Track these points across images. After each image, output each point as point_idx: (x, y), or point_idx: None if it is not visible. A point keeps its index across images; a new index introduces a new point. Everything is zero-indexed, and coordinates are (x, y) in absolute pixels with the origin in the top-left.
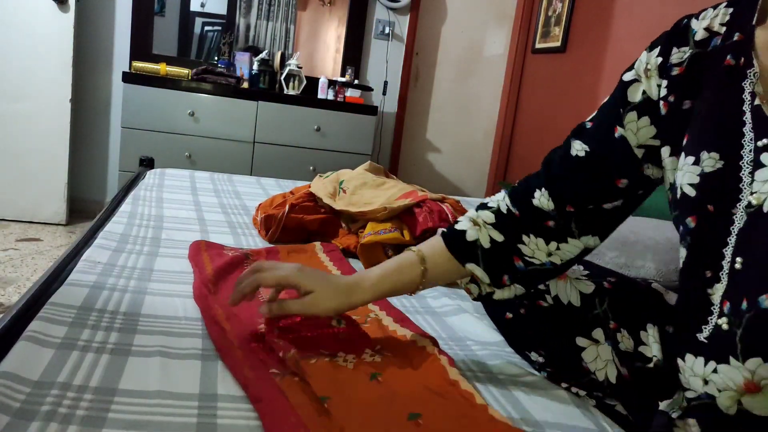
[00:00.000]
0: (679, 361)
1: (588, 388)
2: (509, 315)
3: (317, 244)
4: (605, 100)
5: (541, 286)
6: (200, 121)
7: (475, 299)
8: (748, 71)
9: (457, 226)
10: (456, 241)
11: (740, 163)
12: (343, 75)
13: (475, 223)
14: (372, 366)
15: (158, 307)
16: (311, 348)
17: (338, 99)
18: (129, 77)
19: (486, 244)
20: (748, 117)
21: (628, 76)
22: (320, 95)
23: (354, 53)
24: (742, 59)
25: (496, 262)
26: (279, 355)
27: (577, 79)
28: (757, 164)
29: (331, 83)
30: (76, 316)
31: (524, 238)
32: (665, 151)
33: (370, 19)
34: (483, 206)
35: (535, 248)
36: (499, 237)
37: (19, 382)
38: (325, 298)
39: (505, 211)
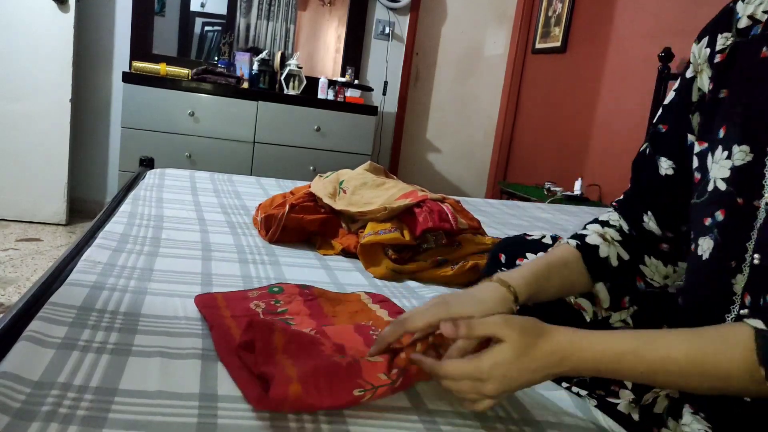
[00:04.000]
0: None
1: (590, 387)
2: (516, 308)
3: (362, 294)
4: (669, 98)
5: None
6: (200, 121)
7: (588, 323)
8: None
9: (589, 240)
10: (591, 256)
11: (765, 159)
12: (343, 75)
13: (604, 238)
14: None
15: (158, 307)
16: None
17: (338, 99)
18: (129, 77)
19: (614, 261)
20: None
21: (689, 72)
22: (320, 95)
23: (354, 53)
24: None
25: (621, 281)
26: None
27: (577, 79)
28: None
29: (331, 83)
30: (77, 316)
31: (646, 259)
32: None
33: (370, 19)
34: (605, 223)
35: (654, 270)
36: (625, 255)
37: (19, 382)
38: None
39: (627, 231)
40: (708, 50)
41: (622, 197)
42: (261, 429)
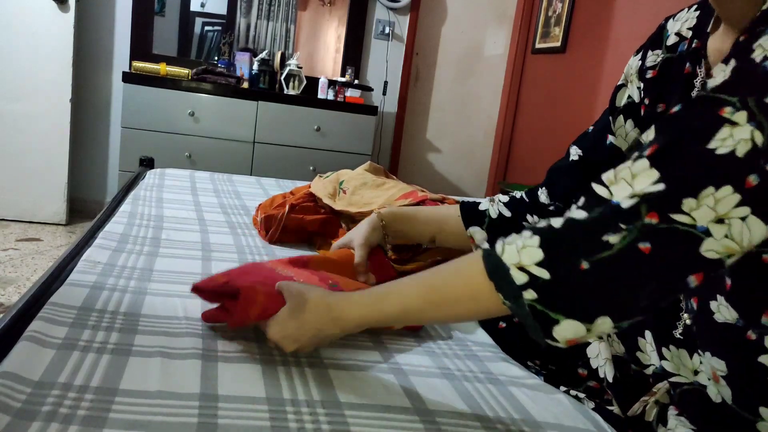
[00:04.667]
0: (665, 349)
1: (584, 393)
2: (502, 324)
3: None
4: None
5: None
6: (200, 121)
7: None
8: (695, 81)
9: (473, 200)
10: (468, 207)
11: None
12: (343, 75)
13: (491, 201)
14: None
15: (158, 307)
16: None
17: (338, 99)
18: (129, 77)
19: (494, 215)
20: None
21: (621, 80)
22: (320, 95)
23: (354, 53)
24: (697, 67)
25: (499, 230)
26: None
27: (577, 79)
28: None
29: (331, 83)
30: (77, 317)
31: (528, 217)
32: None
33: (370, 19)
34: (504, 194)
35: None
36: (507, 213)
37: (19, 382)
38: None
39: (518, 197)
40: (640, 63)
41: None
42: (261, 429)
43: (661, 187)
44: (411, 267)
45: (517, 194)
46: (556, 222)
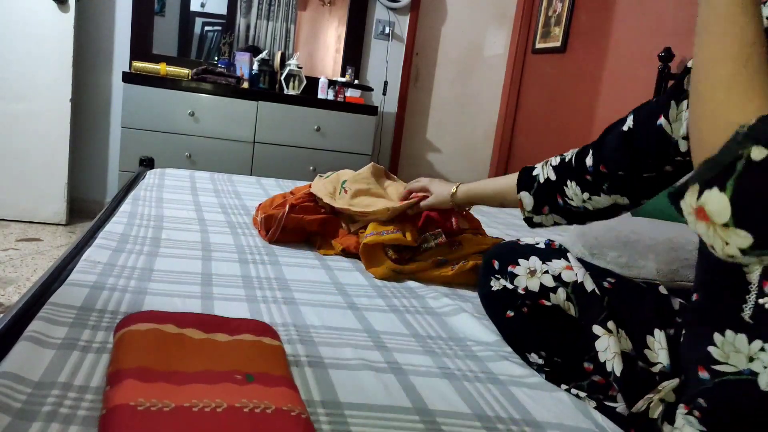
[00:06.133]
0: (717, 335)
1: (588, 391)
2: (510, 314)
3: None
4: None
5: (550, 283)
6: (200, 121)
7: (525, 219)
8: None
9: (536, 164)
10: (525, 171)
11: None
12: (343, 75)
13: (546, 163)
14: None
15: (158, 307)
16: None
17: (338, 99)
18: (129, 77)
19: (542, 179)
20: None
21: (691, 63)
22: (320, 95)
23: (354, 53)
24: None
25: (543, 194)
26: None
27: (577, 79)
28: None
29: (331, 83)
30: (77, 317)
31: (568, 182)
32: None
33: (370, 19)
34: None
35: (573, 193)
36: (552, 176)
37: (19, 382)
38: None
39: (567, 159)
40: None
41: None
42: None
43: None
44: (412, 267)
45: (569, 155)
46: None
